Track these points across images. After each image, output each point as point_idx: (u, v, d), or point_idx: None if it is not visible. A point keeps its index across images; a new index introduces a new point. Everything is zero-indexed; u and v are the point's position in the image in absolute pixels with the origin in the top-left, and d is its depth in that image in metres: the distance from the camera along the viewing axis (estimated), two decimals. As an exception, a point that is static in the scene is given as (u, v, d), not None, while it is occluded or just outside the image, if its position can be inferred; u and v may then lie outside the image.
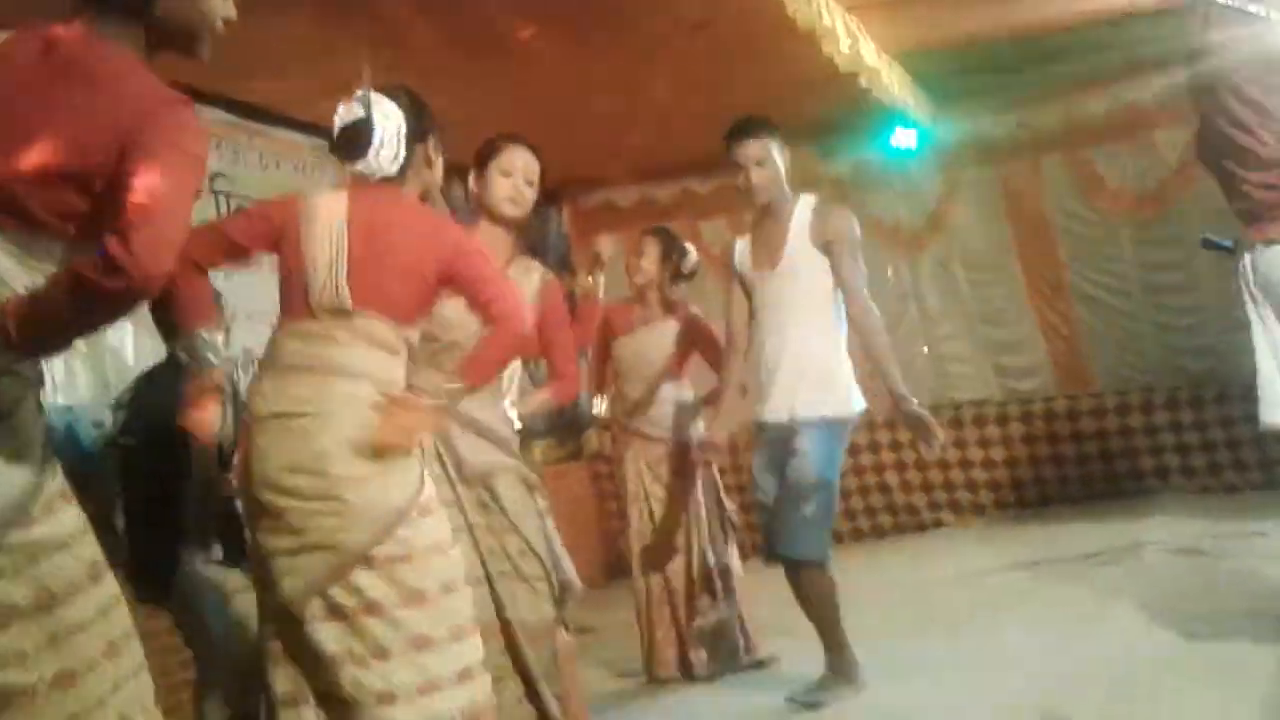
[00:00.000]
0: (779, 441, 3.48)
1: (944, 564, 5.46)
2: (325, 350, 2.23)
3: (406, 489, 2.20)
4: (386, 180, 2.38)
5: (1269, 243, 2.95)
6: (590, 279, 3.48)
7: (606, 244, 2.74)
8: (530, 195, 2.98)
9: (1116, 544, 4.96)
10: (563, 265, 6.56)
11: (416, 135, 2.40)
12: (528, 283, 2.95)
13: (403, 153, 2.37)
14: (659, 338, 4.31)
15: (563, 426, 5.14)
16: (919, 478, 6.75)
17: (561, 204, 7.09)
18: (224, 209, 4.45)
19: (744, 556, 4.36)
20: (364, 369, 2.23)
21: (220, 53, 1.81)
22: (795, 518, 3.39)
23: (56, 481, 1.60)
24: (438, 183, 2.56)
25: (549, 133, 3.27)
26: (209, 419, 2.39)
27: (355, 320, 2.25)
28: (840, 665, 3.44)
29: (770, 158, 3.52)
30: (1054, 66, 5.34)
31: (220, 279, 4.41)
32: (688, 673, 4.12)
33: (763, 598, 4.21)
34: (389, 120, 2.34)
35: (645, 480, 4.24)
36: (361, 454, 2.16)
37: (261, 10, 2.13)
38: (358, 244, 2.29)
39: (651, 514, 4.21)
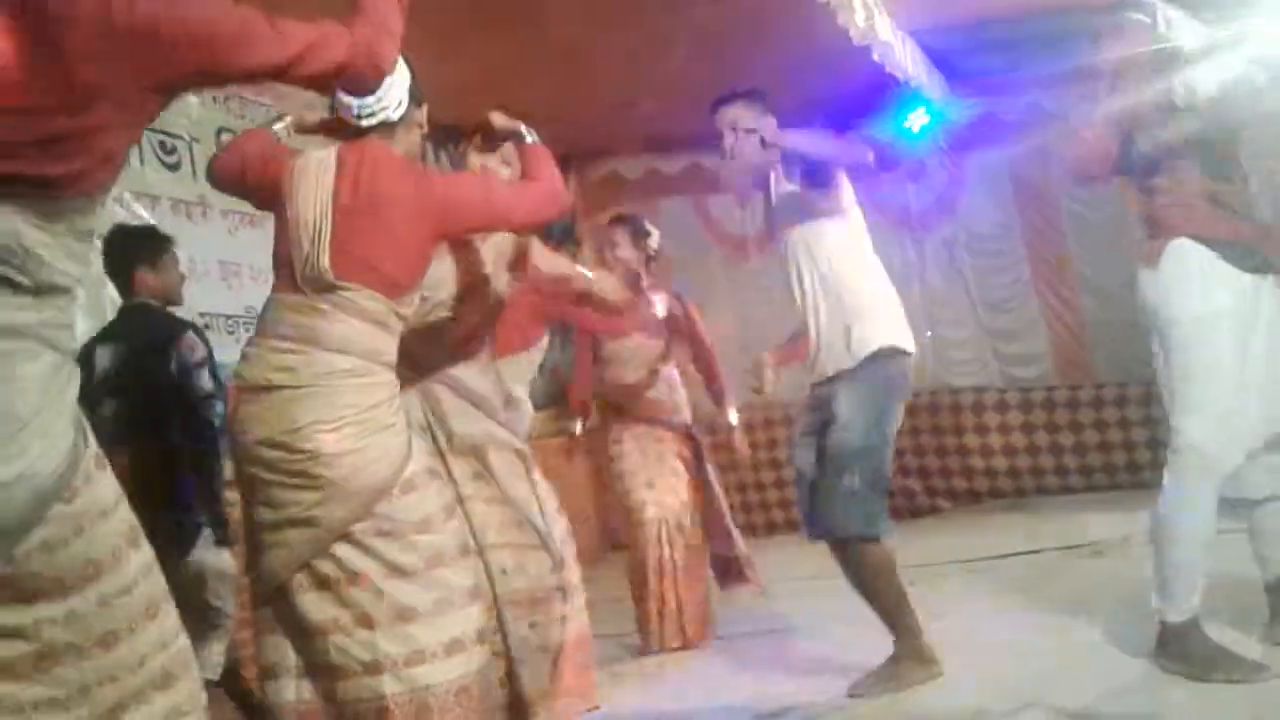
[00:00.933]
0: (821, 405, 3.30)
1: (939, 550, 5.45)
2: (310, 321, 2.17)
3: (386, 466, 2.14)
4: (382, 128, 2.30)
5: (1147, 263, 2.96)
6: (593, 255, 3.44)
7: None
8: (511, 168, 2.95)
9: (1107, 536, 4.95)
10: (568, 236, 6.51)
11: (415, 96, 2.36)
12: (497, 243, 2.86)
13: (406, 101, 2.31)
14: (651, 339, 4.31)
15: (563, 399, 5.12)
16: (916, 463, 6.74)
17: (568, 175, 7.04)
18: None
19: (772, 532, 4.39)
20: (348, 343, 2.17)
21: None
22: (837, 490, 3.18)
23: (92, 448, 1.54)
24: (417, 153, 2.49)
25: (557, 101, 3.24)
26: None
27: (342, 294, 2.17)
28: (908, 648, 3.20)
29: (749, 123, 3.40)
30: (1067, 49, 5.28)
31: (224, 234, 4.42)
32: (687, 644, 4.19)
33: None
34: (397, 69, 2.25)
35: (649, 458, 4.27)
36: (339, 430, 2.10)
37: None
38: (345, 212, 2.20)
39: (652, 485, 4.26)
